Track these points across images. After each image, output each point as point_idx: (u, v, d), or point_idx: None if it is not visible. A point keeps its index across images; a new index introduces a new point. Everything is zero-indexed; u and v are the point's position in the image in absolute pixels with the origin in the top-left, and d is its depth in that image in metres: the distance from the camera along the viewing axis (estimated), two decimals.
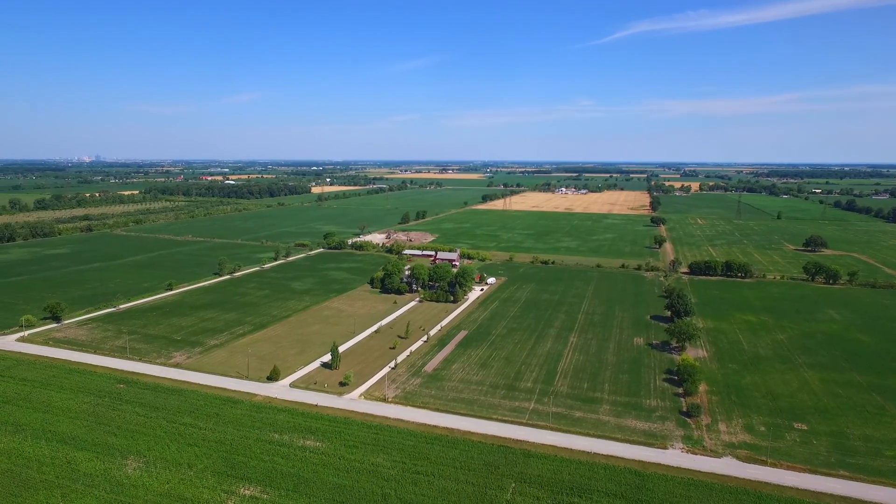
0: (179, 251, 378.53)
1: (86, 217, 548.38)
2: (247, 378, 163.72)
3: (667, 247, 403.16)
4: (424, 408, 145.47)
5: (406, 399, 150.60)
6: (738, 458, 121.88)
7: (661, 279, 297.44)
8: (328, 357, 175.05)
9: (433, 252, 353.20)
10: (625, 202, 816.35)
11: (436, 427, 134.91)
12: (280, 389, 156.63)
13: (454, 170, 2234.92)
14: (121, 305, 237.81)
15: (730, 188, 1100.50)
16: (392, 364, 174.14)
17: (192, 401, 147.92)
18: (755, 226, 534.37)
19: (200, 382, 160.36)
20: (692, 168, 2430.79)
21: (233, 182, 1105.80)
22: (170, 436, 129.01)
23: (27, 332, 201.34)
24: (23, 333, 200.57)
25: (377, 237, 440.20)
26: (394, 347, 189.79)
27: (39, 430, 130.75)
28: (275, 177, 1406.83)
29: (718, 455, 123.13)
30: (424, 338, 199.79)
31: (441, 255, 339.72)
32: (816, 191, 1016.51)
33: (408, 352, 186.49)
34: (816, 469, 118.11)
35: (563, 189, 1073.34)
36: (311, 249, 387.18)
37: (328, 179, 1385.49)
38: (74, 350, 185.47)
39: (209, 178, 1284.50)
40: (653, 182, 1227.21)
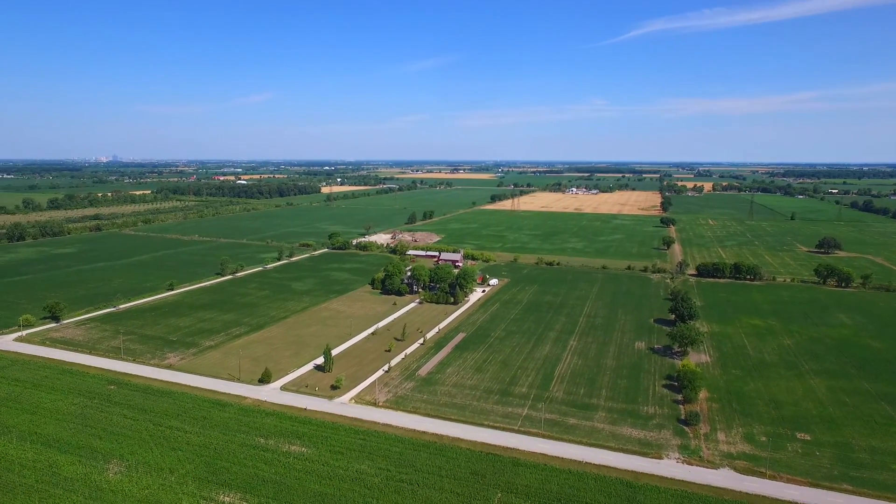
0: (184, 251, 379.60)
1: (96, 217, 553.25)
2: (238, 380, 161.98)
3: (675, 248, 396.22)
4: (415, 413, 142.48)
5: (397, 403, 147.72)
6: (736, 470, 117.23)
7: (668, 281, 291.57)
8: (322, 359, 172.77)
9: (437, 253, 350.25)
10: (635, 202, 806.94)
11: (425, 433, 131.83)
12: (270, 392, 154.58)
13: (465, 170, 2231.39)
14: (120, 305, 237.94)
15: (744, 188, 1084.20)
16: (385, 367, 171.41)
17: (181, 403, 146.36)
18: (767, 227, 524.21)
19: (191, 384, 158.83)
20: (706, 168, 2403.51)
21: (244, 182, 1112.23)
22: (154, 439, 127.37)
23: (25, 332, 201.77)
24: (21, 333, 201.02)
25: (382, 237, 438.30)
26: (389, 350, 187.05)
27: (25, 433, 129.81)
28: (286, 177, 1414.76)
29: (715, 466, 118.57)
30: (421, 340, 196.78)
31: (444, 256, 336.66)
32: (833, 191, 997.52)
33: (403, 355, 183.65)
34: (818, 482, 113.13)
35: (574, 189, 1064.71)
36: (316, 250, 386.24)
37: (339, 179, 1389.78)
38: (70, 350, 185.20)
39: (221, 178, 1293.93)
40: (665, 182, 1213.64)
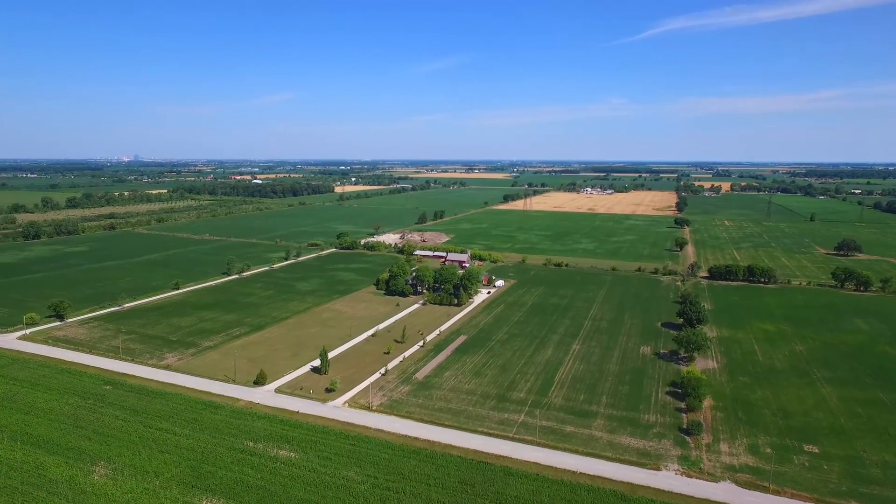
0: (194, 250, 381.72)
1: (111, 215, 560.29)
2: (233, 382, 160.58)
3: (688, 249, 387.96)
4: (408, 418, 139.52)
5: (391, 408, 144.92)
6: (738, 483, 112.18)
7: (678, 284, 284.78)
8: (319, 361, 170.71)
9: (444, 253, 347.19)
10: (650, 203, 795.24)
11: (416, 439, 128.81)
12: (264, 395, 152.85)
13: (480, 169, 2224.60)
14: (125, 304, 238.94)
15: (763, 188, 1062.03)
16: (382, 370, 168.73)
17: (174, 405, 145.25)
18: (785, 228, 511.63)
19: (186, 385, 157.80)
20: (725, 168, 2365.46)
21: (259, 181, 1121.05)
22: (143, 441, 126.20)
23: (29, 331, 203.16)
24: (24, 332, 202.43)
25: (391, 237, 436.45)
26: (388, 352, 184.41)
27: (17, 433, 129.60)
28: (301, 176, 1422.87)
29: (716, 479, 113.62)
30: (421, 343, 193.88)
31: (451, 257, 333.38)
32: (856, 191, 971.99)
33: (401, 357, 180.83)
34: (824, 498, 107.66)
35: (588, 189, 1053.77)
36: (323, 249, 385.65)
37: (353, 179, 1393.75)
38: (70, 349, 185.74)
39: (237, 178, 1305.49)
40: (682, 182, 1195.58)
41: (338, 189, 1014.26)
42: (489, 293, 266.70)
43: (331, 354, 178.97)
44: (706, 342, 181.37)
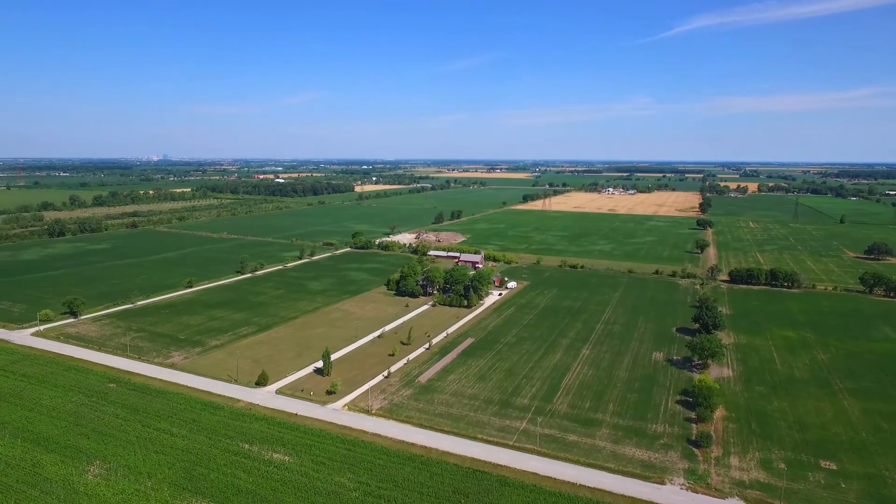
0: (211, 248, 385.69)
1: (134, 213, 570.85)
2: (236, 382, 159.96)
3: (710, 252, 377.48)
4: (407, 422, 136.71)
5: (390, 412, 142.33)
6: (746, 500, 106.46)
7: (697, 287, 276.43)
8: (322, 363, 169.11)
9: (458, 254, 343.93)
10: (673, 203, 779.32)
11: (413, 445, 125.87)
12: (265, 396, 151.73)
13: (502, 169, 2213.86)
14: (138, 302, 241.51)
15: (791, 189, 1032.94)
16: (385, 373, 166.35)
17: (175, 404, 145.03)
18: (813, 230, 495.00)
19: (189, 385, 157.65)
20: (753, 168, 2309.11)
21: (281, 180, 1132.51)
22: (140, 441, 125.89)
23: (42, 327, 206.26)
24: (38, 328, 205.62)
25: (406, 237, 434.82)
26: (393, 354, 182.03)
27: (18, 430, 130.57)
28: (323, 175, 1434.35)
29: (723, 496, 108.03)
30: (427, 345, 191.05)
31: (465, 257, 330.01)
32: (890, 192, 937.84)
33: (406, 359, 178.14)
34: None
35: (610, 189, 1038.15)
36: (338, 249, 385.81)
37: (374, 178, 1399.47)
38: (80, 346, 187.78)
39: (260, 177, 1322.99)
40: (707, 183, 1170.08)
41: (357, 188, 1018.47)
42: (500, 295, 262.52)
43: (335, 356, 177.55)
44: (721, 349, 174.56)
